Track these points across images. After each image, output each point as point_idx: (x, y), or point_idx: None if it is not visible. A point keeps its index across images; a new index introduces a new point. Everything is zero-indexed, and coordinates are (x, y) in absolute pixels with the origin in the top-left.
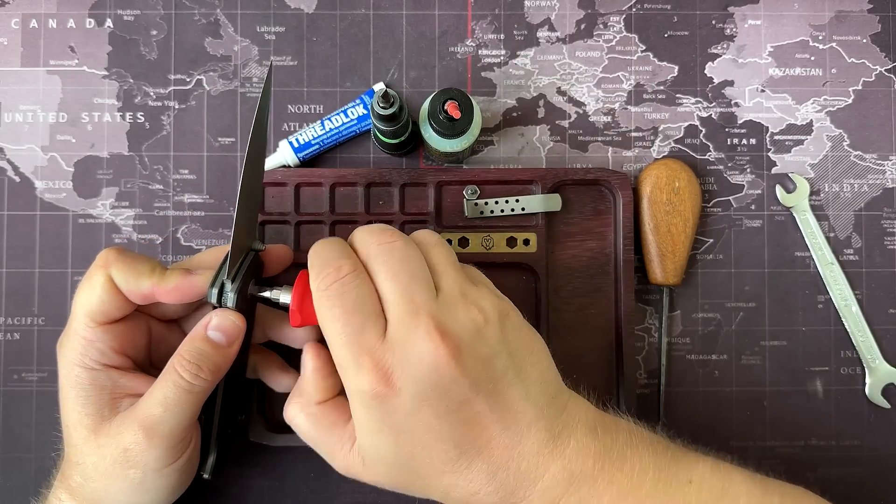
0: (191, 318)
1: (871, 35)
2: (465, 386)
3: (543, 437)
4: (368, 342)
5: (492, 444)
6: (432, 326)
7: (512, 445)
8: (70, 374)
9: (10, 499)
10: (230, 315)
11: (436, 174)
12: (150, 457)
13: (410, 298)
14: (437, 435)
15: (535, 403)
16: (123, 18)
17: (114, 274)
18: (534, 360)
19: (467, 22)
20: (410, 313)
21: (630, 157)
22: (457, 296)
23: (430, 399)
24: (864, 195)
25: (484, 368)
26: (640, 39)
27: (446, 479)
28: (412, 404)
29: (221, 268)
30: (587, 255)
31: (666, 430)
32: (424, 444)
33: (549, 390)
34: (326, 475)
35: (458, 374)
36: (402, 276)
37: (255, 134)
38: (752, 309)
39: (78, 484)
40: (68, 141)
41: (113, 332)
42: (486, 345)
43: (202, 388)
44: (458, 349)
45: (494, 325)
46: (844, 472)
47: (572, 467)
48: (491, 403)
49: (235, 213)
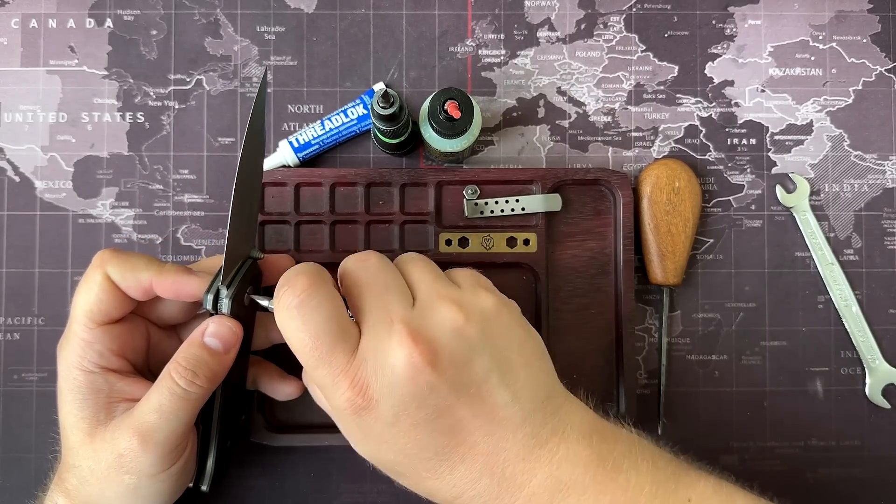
0: (189, 326)
1: (871, 35)
2: (444, 392)
3: (530, 444)
4: (340, 361)
5: (475, 451)
6: (405, 333)
7: (496, 452)
8: (68, 377)
9: (10, 499)
10: (227, 322)
11: (436, 174)
12: (144, 463)
13: (384, 308)
14: (418, 444)
15: (521, 407)
16: (123, 18)
17: (111, 271)
18: (524, 361)
19: (467, 22)
20: (383, 323)
21: (630, 157)
22: (433, 299)
23: (409, 409)
24: (864, 195)
25: (464, 371)
26: (640, 39)
27: (429, 483)
28: (390, 415)
29: (218, 274)
30: (587, 255)
31: (666, 431)
32: (406, 452)
33: (540, 393)
34: (326, 475)
35: (435, 379)
36: (376, 286)
37: (249, 142)
38: (752, 309)
39: (74, 487)
40: (68, 141)
41: (111, 334)
42: (466, 345)
43: (198, 396)
44: (434, 354)
45: (476, 324)
46: (844, 473)
47: (560, 475)
48: (474, 409)
49: (229, 221)
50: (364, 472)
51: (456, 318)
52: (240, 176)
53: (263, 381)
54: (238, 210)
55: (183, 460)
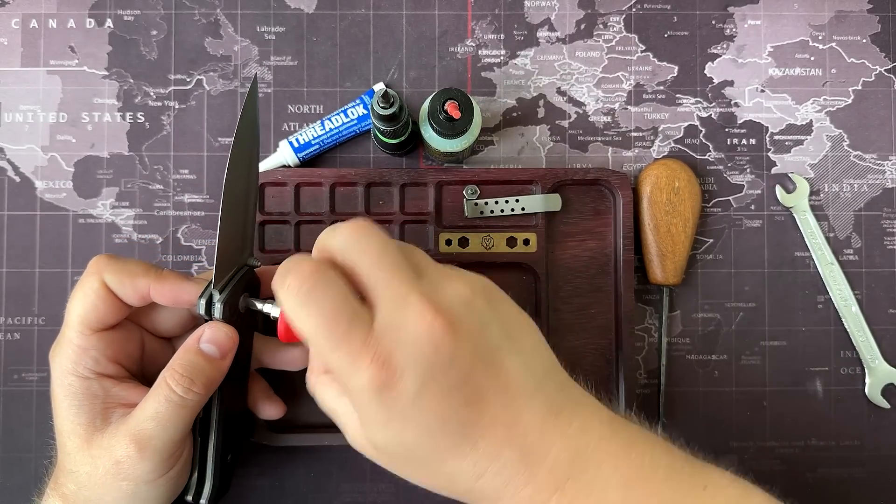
0: (185, 337)
1: (871, 35)
2: (465, 358)
3: (545, 413)
4: (358, 339)
5: (496, 423)
6: (425, 303)
7: (515, 421)
8: (63, 383)
9: (10, 499)
10: (223, 327)
11: (436, 174)
12: (142, 469)
13: (397, 282)
14: (443, 417)
15: (533, 374)
16: (123, 18)
17: (108, 278)
18: (526, 332)
19: (467, 22)
20: (400, 295)
21: (630, 157)
22: (440, 274)
23: (435, 376)
24: (864, 195)
25: (480, 338)
26: (640, 39)
27: (450, 465)
28: (416, 386)
29: (212, 280)
30: (587, 255)
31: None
32: (431, 430)
33: (545, 362)
34: (326, 475)
35: (457, 347)
36: (385, 261)
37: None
38: (752, 309)
39: (72, 492)
40: (68, 141)
41: (107, 340)
42: (478, 316)
43: (195, 402)
44: (452, 323)
45: (481, 297)
46: (844, 473)
47: (577, 445)
48: (491, 376)
49: (219, 226)
50: (364, 472)
51: (465, 291)
52: (228, 181)
53: (249, 397)
54: (228, 215)
55: (180, 465)
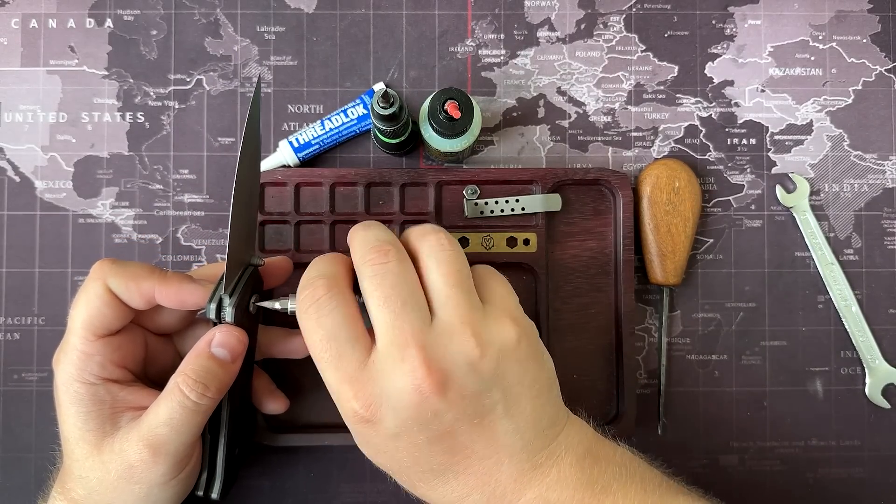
0: (185, 333)
1: (871, 35)
2: (448, 419)
3: (524, 467)
4: (349, 369)
5: (469, 470)
6: (419, 361)
7: (490, 473)
8: (69, 390)
9: (10, 499)
10: (234, 331)
11: (436, 174)
12: (155, 473)
13: (400, 328)
14: (415, 460)
15: (522, 437)
16: (123, 18)
17: (112, 283)
18: (533, 394)
19: (467, 22)
20: (398, 345)
21: (630, 157)
22: (455, 325)
23: (411, 431)
24: (864, 195)
25: (470, 404)
26: (640, 39)
27: (421, 490)
28: (392, 433)
29: (220, 283)
30: (587, 255)
31: (666, 431)
32: (402, 464)
33: (542, 423)
34: (326, 475)
35: (441, 407)
36: (393, 301)
37: (246, 150)
38: (752, 309)
39: (82, 497)
40: (68, 141)
41: (112, 345)
42: (478, 380)
43: (208, 407)
44: (444, 385)
45: (491, 360)
46: (844, 473)
47: (549, 496)
48: (475, 436)
49: (230, 229)
50: (364, 472)
51: (473, 353)
52: (238, 184)
53: (253, 393)
54: (238, 217)
55: (191, 465)
